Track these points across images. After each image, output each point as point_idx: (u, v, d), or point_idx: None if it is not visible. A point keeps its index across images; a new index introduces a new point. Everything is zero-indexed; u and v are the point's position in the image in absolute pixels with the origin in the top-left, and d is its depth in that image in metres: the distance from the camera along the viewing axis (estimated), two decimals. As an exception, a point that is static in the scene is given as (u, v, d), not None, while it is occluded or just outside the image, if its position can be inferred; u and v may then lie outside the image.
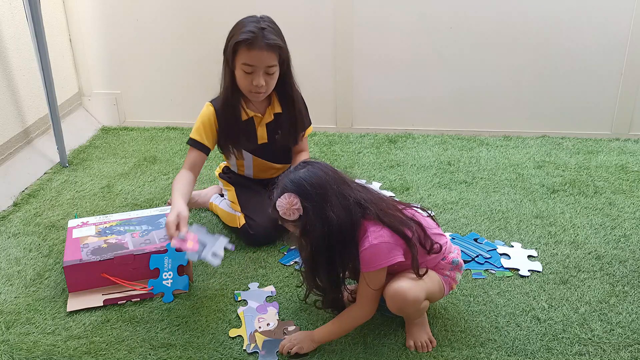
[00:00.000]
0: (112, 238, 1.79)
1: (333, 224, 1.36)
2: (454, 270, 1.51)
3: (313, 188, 1.37)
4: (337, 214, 1.36)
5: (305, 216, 1.37)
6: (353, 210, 1.39)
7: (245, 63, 1.73)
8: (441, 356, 1.46)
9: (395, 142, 2.72)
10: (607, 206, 2.12)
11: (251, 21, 1.76)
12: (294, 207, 1.36)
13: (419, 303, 1.42)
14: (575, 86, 2.67)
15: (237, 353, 1.49)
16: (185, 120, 2.96)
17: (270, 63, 1.75)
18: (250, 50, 1.72)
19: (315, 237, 1.38)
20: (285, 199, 1.37)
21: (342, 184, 1.41)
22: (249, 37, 1.71)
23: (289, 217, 1.38)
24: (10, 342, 1.54)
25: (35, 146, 2.59)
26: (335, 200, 1.37)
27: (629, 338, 1.50)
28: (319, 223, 1.36)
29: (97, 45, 2.91)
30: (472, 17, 2.62)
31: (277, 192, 1.41)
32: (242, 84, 1.78)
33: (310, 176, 1.39)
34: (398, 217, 1.42)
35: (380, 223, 1.39)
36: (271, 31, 1.74)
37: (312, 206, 1.36)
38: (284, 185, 1.39)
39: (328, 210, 1.36)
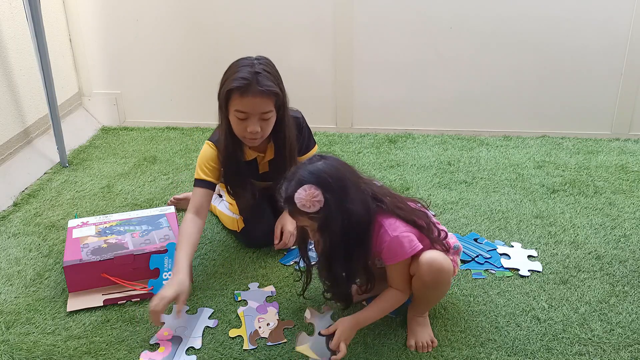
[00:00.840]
0: (112, 238, 1.79)
1: (353, 217, 1.35)
2: (455, 254, 1.53)
3: (333, 180, 1.34)
4: (356, 207, 1.35)
5: (326, 209, 1.33)
6: (370, 203, 1.39)
7: (239, 110, 1.63)
8: (441, 356, 1.46)
9: (395, 142, 2.72)
10: (607, 206, 2.12)
11: (244, 65, 1.64)
12: (314, 198, 1.32)
13: (450, 274, 1.44)
14: (575, 86, 2.67)
15: (237, 353, 1.49)
16: (185, 120, 2.96)
17: (265, 109, 1.64)
18: (244, 97, 1.61)
19: (334, 230, 1.35)
20: (306, 191, 1.32)
21: (357, 178, 1.41)
22: (241, 85, 1.60)
23: (308, 209, 1.33)
24: (10, 342, 1.54)
25: (35, 146, 2.59)
26: (353, 193, 1.36)
27: (629, 338, 1.50)
28: (339, 216, 1.34)
29: (97, 45, 2.91)
30: (472, 18, 2.62)
31: (291, 184, 1.36)
32: (237, 130, 1.69)
33: (330, 168, 1.36)
34: (408, 208, 1.44)
35: (394, 216, 1.40)
36: (266, 76, 1.63)
37: (332, 198, 1.33)
38: (301, 177, 1.35)
39: (348, 203, 1.34)
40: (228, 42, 2.80)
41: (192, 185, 1.78)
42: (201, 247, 1.95)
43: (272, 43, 2.77)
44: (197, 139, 2.82)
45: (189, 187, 2.33)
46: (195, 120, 2.93)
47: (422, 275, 1.41)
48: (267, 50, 2.76)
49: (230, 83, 1.63)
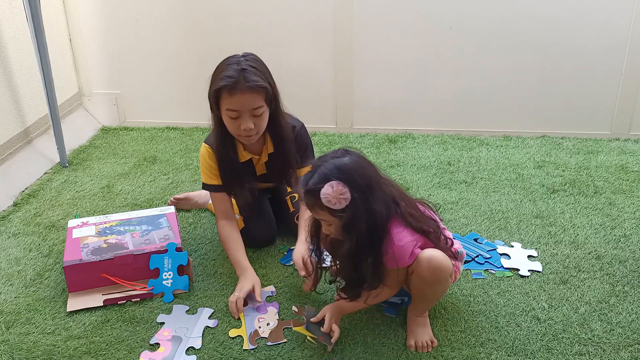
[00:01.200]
0: (112, 238, 1.79)
1: (377, 217, 1.34)
2: (457, 260, 1.52)
3: (360, 178, 1.33)
4: (380, 207, 1.34)
5: (353, 207, 1.32)
6: (390, 205, 1.38)
7: (229, 109, 1.64)
8: (441, 356, 1.46)
9: (395, 142, 2.72)
10: (607, 206, 2.12)
11: (231, 63, 1.64)
12: (341, 196, 1.30)
13: (449, 272, 1.43)
14: (575, 86, 2.67)
15: (237, 353, 1.49)
16: (185, 120, 2.96)
17: (255, 105, 1.64)
18: (232, 95, 1.61)
19: (361, 229, 1.34)
20: (333, 187, 1.30)
21: (379, 177, 1.40)
22: (228, 83, 1.60)
23: (333, 206, 1.31)
24: (10, 342, 1.54)
25: (35, 146, 2.59)
26: (377, 192, 1.35)
27: (629, 338, 1.50)
28: (365, 215, 1.33)
29: (97, 45, 2.91)
30: (472, 18, 2.62)
31: (315, 177, 1.34)
32: (231, 129, 1.69)
33: (356, 165, 1.35)
34: (420, 216, 1.43)
35: (405, 223, 1.39)
36: (253, 72, 1.62)
37: (359, 197, 1.32)
38: (328, 172, 1.33)
39: (373, 202, 1.33)
40: (228, 42, 2.80)
41: (193, 186, 1.79)
42: (201, 247, 1.95)
43: (272, 43, 2.77)
44: (197, 139, 2.82)
45: (189, 187, 2.33)
46: (195, 120, 2.93)
47: (421, 272, 1.41)
48: (267, 50, 2.76)
49: (217, 82, 1.63)
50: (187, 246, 1.95)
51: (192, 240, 1.99)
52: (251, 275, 1.71)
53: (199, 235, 2.01)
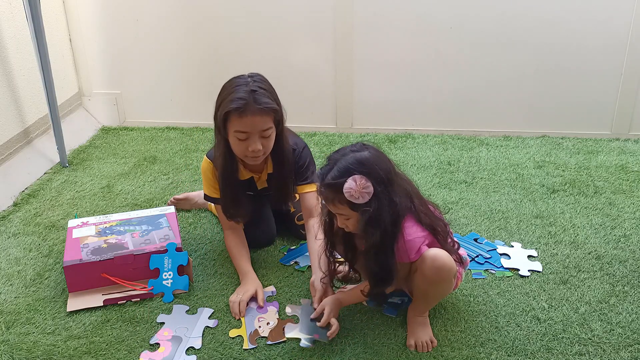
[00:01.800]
0: (112, 238, 1.79)
1: (399, 209, 1.34)
2: (460, 266, 1.52)
3: (382, 171, 1.33)
4: (401, 200, 1.35)
5: (376, 201, 1.31)
6: (407, 199, 1.38)
7: (239, 130, 1.61)
8: (441, 356, 1.46)
9: (395, 142, 2.72)
10: (607, 206, 2.12)
11: (239, 85, 1.63)
12: (365, 190, 1.30)
13: (452, 273, 1.43)
14: (575, 86, 2.67)
15: (237, 353, 1.49)
16: (185, 120, 2.96)
17: (265, 127, 1.63)
18: (243, 117, 1.59)
19: (386, 222, 1.33)
20: (356, 182, 1.29)
21: (396, 172, 1.40)
22: (239, 106, 1.59)
23: (356, 200, 1.31)
24: (10, 342, 1.54)
25: (35, 146, 2.59)
26: (397, 186, 1.36)
27: (629, 338, 1.50)
28: (388, 208, 1.33)
29: (97, 45, 2.91)
30: (472, 18, 2.62)
31: (334, 171, 1.33)
32: (238, 151, 1.67)
33: (377, 159, 1.35)
34: (431, 215, 1.44)
35: (416, 219, 1.39)
36: (263, 94, 1.62)
37: (383, 190, 1.32)
38: (349, 166, 1.32)
39: (395, 195, 1.33)
40: (228, 42, 2.81)
41: (193, 186, 1.79)
42: (201, 247, 1.95)
43: (273, 43, 2.77)
44: (197, 139, 2.82)
45: (189, 187, 2.33)
46: (195, 120, 2.93)
47: (425, 270, 1.40)
48: (268, 50, 2.79)
49: (227, 105, 1.60)
50: (187, 246, 1.95)
51: (192, 240, 1.99)
52: (253, 279, 1.72)
53: (199, 235, 2.01)
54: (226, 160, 1.71)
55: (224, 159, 1.71)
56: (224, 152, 1.70)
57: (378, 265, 1.39)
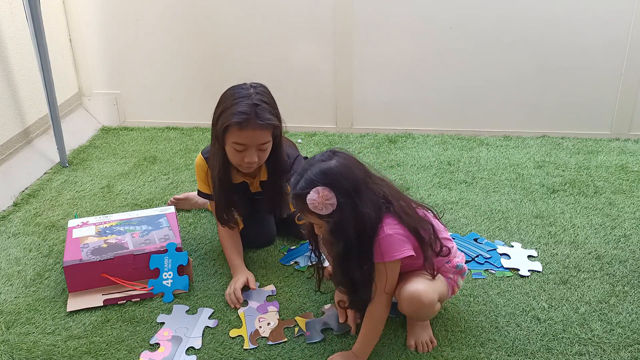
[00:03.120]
0: (112, 238, 1.79)
1: (366, 219, 1.32)
2: (456, 274, 1.51)
3: (347, 182, 1.31)
4: (368, 210, 1.32)
5: (339, 212, 1.30)
6: (380, 205, 1.36)
7: (237, 142, 1.62)
8: (441, 356, 1.46)
9: (395, 142, 2.72)
10: (607, 206, 2.12)
11: (242, 97, 1.61)
12: (327, 201, 1.29)
13: (433, 306, 1.42)
14: (575, 86, 2.67)
15: (237, 353, 1.49)
16: (185, 120, 2.96)
17: (263, 141, 1.64)
18: (243, 131, 1.59)
19: (348, 233, 1.32)
20: (319, 193, 1.29)
21: (368, 177, 1.37)
22: (241, 120, 1.58)
23: (320, 211, 1.30)
24: (10, 342, 1.54)
25: (35, 146, 2.59)
26: (365, 194, 1.33)
27: (629, 338, 1.50)
28: (352, 219, 1.31)
29: (97, 45, 2.91)
30: (472, 17, 2.62)
31: (302, 182, 1.33)
32: (233, 160, 1.68)
33: (343, 169, 1.33)
34: (415, 216, 1.41)
35: (398, 219, 1.36)
36: (265, 108, 1.61)
37: (346, 201, 1.30)
38: (313, 177, 1.31)
39: (361, 205, 1.31)
40: (228, 42, 2.81)
41: (193, 186, 1.79)
42: (201, 247, 1.95)
43: (273, 43, 2.77)
44: (197, 139, 2.82)
45: (189, 187, 2.33)
46: (195, 120, 2.93)
47: (402, 307, 1.41)
48: (268, 50, 2.79)
49: (229, 118, 1.60)
50: (187, 246, 1.95)
51: (192, 240, 1.99)
52: (243, 270, 1.76)
53: (199, 235, 2.01)
54: (221, 167, 1.72)
55: (219, 166, 1.72)
56: (219, 159, 1.70)
57: (343, 274, 1.39)
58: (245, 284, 1.70)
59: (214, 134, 1.69)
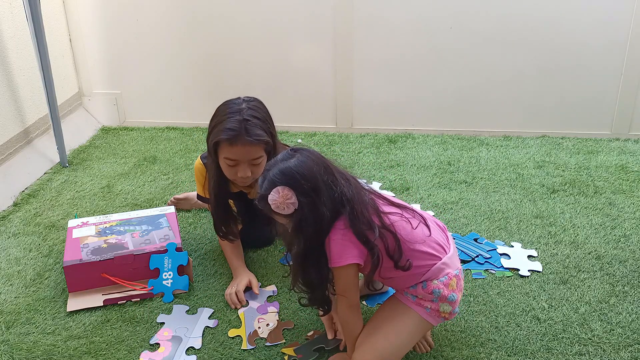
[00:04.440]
0: (112, 238, 1.79)
1: (325, 219, 1.31)
2: (438, 302, 1.36)
3: (306, 181, 1.30)
4: (328, 209, 1.31)
5: (300, 211, 1.30)
6: (337, 204, 1.33)
7: (228, 157, 1.62)
8: (441, 356, 1.46)
9: (395, 142, 2.72)
10: (607, 206, 2.12)
11: (233, 112, 1.61)
12: (288, 201, 1.29)
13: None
14: (575, 86, 2.67)
15: (237, 353, 1.49)
16: (185, 120, 2.96)
17: (254, 156, 1.63)
18: (233, 147, 1.59)
19: (308, 232, 1.31)
20: (279, 193, 1.29)
21: (330, 174, 1.34)
22: (229, 137, 1.58)
23: (282, 211, 1.30)
24: (10, 342, 1.54)
25: (35, 146, 2.59)
26: (325, 193, 1.31)
27: (629, 338, 1.50)
28: (312, 218, 1.30)
29: (97, 45, 2.91)
30: (471, 17, 2.62)
31: (265, 183, 1.32)
32: (228, 174, 1.68)
33: (302, 167, 1.31)
34: (367, 221, 1.32)
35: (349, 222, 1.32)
36: (255, 124, 1.60)
37: (306, 201, 1.29)
38: (274, 177, 1.31)
39: (320, 205, 1.30)
40: (228, 42, 2.81)
41: (193, 186, 1.78)
42: (201, 247, 1.95)
43: (273, 43, 2.77)
44: (197, 139, 2.82)
45: (189, 187, 2.33)
46: (195, 120, 2.93)
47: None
48: (268, 50, 2.79)
49: (218, 134, 1.60)
50: (187, 246, 1.95)
51: (192, 240, 1.99)
52: (245, 271, 1.76)
53: (199, 235, 2.01)
54: (216, 181, 1.72)
55: (215, 179, 1.72)
56: (214, 173, 1.71)
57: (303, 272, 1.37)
58: (247, 285, 1.71)
59: (208, 150, 1.70)
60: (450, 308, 1.37)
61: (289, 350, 1.49)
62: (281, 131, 2.81)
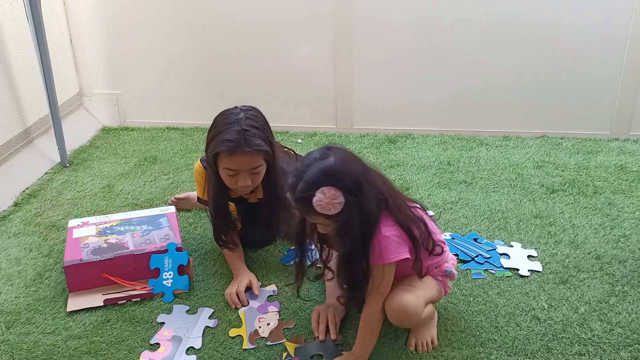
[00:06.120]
0: (112, 238, 1.79)
1: (372, 216, 1.31)
2: (445, 277, 1.51)
3: (349, 179, 1.29)
4: (371, 205, 1.31)
5: (346, 211, 1.28)
6: (379, 200, 1.33)
7: (228, 168, 1.63)
8: (441, 356, 1.46)
9: (395, 142, 2.72)
10: (606, 206, 2.12)
11: (231, 122, 1.61)
12: (335, 200, 1.26)
13: (419, 314, 1.41)
14: (574, 86, 2.67)
15: (237, 353, 1.49)
16: (185, 120, 2.96)
17: (254, 165, 1.64)
18: (232, 157, 1.60)
19: (355, 231, 1.29)
20: (325, 194, 1.26)
21: (366, 171, 1.35)
22: (228, 148, 1.59)
23: (328, 212, 1.27)
24: (10, 342, 1.54)
25: (36, 146, 2.59)
26: (367, 190, 1.31)
27: (628, 338, 1.50)
28: (359, 217, 1.29)
29: (97, 45, 2.91)
30: (471, 17, 2.62)
31: (302, 184, 1.29)
32: (228, 184, 1.68)
33: (344, 166, 1.30)
34: (409, 215, 1.38)
35: (393, 219, 1.35)
36: (254, 134, 1.60)
37: (352, 199, 1.28)
38: (314, 178, 1.28)
39: (366, 202, 1.30)
40: (228, 42, 2.81)
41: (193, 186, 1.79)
42: (201, 247, 1.95)
43: (273, 43, 2.77)
44: (197, 139, 2.82)
45: (189, 187, 2.33)
46: (195, 120, 2.93)
47: (389, 318, 1.40)
48: (268, 50, 2.79)
49: (217, 146, 1.60)
50: (187, 246, 1.95)
51: (192, 240, 1.99)
52: (245, 271, 1.76)
53: (199, 235, 2.02)
54: (216, 191, 1.72)
55: (214, 189, 1.72)
56: (214, 183, 1.71)
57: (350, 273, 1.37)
58: (248, 285, 1.71)
59: (207, 161, 1.70)
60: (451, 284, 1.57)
61: (290, 347, 1.49)
62: (281, 131, 2.81)
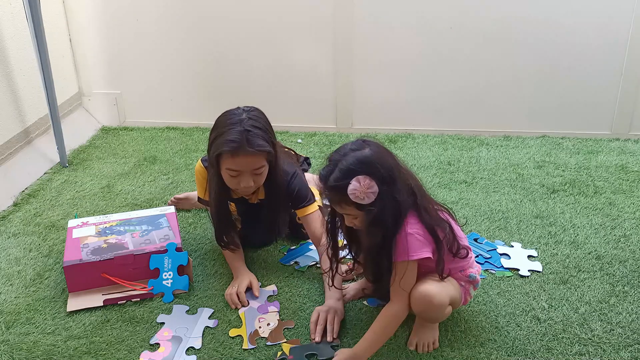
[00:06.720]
0: (112, 238, 1.79)
1: (403, 208, 1.31)
2: (468, 283, 1.50)
3: (384, 170, 1.30)
4: (404, 198, 1.32)
5: (380, 200, 1.29)
6: (409, 195, 1.34)
7: (230, 168, 1.63)
8: (441, 356, 1.46)
9: (395, 142, 2.72)
10: (607, 206, 2.12)
11: (234, 123, 1.61)
12: (369, 190, 1.28)
13: (443, 308, 1.41)
14: (575, 86, 2.67)
15: (237, 353, 1.49)
16: (185, 120, 2.96)
17: (257, 166, 1.64)
18: (235, 158, 1.60)
19: (387, 222, 1.31)
20: (360, 182, 1.28)
21: (399, 166, 1.36)
22: (231, 149, 1.58)
23: (361, 201, 1.29)
24: (10, 342, 1.54)
25: (36, 146, 2.59)
26: (399, 182, 1.32)
27: (629, 338, 1.50)
28: (391, 208, 1.30)
29: (97, 45, 2.91)
30: (472, 17, 2.62)
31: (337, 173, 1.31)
32: (229, 184, 1.68)
33: (379, 157, 1.32)
34: (434, 216, 1.39)
35: (419, 218, 1.35)
36: (256, 134, 1.60)
37: (386, 189, 1.29)
38: (350, 166, 1.30)
39: (398, 194, 1.31)
40: (228, 42, 2.81)
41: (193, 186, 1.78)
42: (201, 247, 1.95)
43: (273, 43, 2.77)
44: (197, 139, 2.82)
45: (189, 187, 2.33)
46: (195, 120, 2.93)
47: (412, 305, 1.40)
48: (268, 50, 2.79)
49: (220, 146, 1.60)
50: (187, 246, 1.95)
51: (192, 240, 1.99)
52: (245, 271, 1.76)
53: (199, 235, 2.01)
54: (217, 192, 1.72)
55: (216, 190, 1.72)
56: (215, 184, 1.71)
57: (379, 263, 1.38)
58: (248, 285, 1.71)
59: (209, 161, 1.70)
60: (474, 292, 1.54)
61: (286, 347, 1.49)
62: (281, 131, 2.81)
